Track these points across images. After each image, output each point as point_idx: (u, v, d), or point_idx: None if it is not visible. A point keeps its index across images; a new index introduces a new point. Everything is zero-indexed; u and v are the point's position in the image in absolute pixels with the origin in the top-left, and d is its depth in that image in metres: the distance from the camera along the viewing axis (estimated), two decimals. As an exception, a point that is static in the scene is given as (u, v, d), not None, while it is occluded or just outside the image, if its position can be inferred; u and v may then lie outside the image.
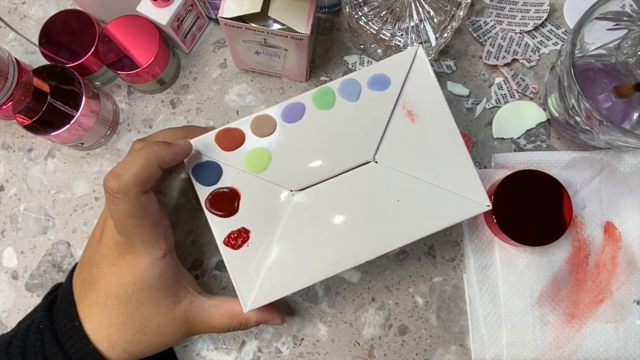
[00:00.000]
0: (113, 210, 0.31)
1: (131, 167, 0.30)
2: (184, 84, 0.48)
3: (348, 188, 0.35)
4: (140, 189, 0.31)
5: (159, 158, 0.31)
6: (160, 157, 0.32)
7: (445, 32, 0.40)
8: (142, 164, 0.31)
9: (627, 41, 0.42)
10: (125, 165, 0.31)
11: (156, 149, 0.32)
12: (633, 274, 0.42)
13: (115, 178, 0.30)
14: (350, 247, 0.34)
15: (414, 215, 0.34)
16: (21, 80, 0.42)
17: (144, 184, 0.31)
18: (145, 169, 0.31)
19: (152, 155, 0.31)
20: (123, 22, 0.44)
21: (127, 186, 0.30)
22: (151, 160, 0.31)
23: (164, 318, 0.34)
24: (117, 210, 0.31)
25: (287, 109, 0.35)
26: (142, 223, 0.32)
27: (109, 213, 0.32)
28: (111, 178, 0.30)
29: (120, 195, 0.30)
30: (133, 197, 0.30)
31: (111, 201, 0.31)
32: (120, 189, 0.30)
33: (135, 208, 0.31)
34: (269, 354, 0.43)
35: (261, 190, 0.35)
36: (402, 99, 0.35)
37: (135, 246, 0.32)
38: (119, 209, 0.31)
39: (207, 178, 0.35)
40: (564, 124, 0.42)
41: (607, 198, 0.43)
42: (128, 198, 0.30)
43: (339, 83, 0.36)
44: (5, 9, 0.51)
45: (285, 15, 0.37)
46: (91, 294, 0.33)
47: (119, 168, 0.31)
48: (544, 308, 0.42)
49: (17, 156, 0.47)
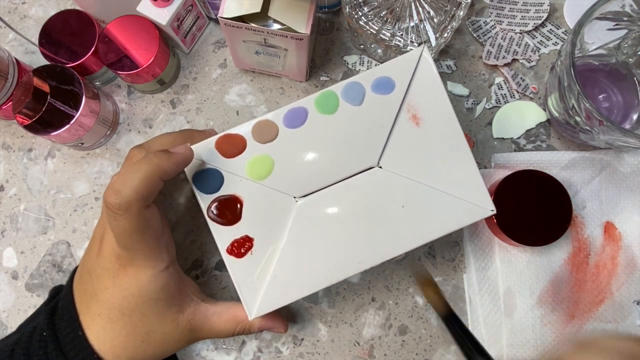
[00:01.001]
0: (114, 226, 0.30)
1: (132, 182, 0.29)
2: (184, 84, 0.48)
3: (352, 194, 0.34)
4: (142, 204, 0.29)
5: (160, 170, 0.30)
6: (161, 169, 0.30)
7: (445, 32, 0.40)
8: (143, 179, 0.29)
9: (627, 41, 0.42)
10: (126, 180, 0.29)
11: (157, 161, 0.30)
12: (633, 274, 0.42)
13: (115, 194, 0.29)
14: (354, 253, 0.33)
15: (419, 220, 0.33)
16: (21, 80, 0.42)
17: (146, 198, 0.30)
18: (147, 183, 0.29)
19: (153, 168, 0.30)
20: (123, 22, 0.44)
21: (129, 202, 0.29)
22: (152, 173, 0.29)
23: (168, 328, 0.33)
24: (118, 225, 0.29)
25: (289, 113, 0.34)
26: (144, 238, 0.31)
27: (110, 228, 0.31)
28: (112, 194, 0.29)
29: (121, 212, 0.29)
30: (135, 212, 0.29)
31: (112, 217, 0.29)
32: (121, 206, 0.29)
33: (137, 223, 0.30)
34: (269, 354, 0.43)
35: (264, 198, 0.34)
36: (407, 102, 0.34)
37: (137, 259, 0.31)
38: (120, 224, 0.29)
39: (209, 186, 0.34)
40: (564, 124, 0.42)
41: (607, 198, 0.43)
42: (130, 214, 0.29)
43: (343, 86, 0.35)
44: (5, 9, 0.51)
45: (285, 15, 0.37)
46: (93, 306, 0.33)
47: (119, 183, 0.29)
48: (544, 308, 0.42)
49: (17, 156, 0.47)
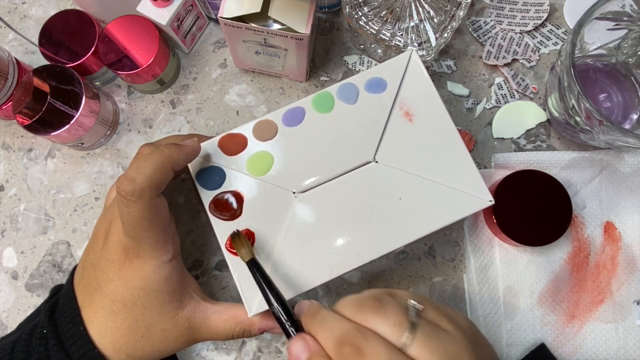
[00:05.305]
0: (125, 214, 0.31)
1: (145, 170, 0.30)
2: (184, 84, 0.48)
3: (350, 188, 0.35)
4: (154, 192, 0.31)
5: (171, 160, 0.32)
6: (172, 160, 0.32)
7: (445, 32, 0.40)
8: (155, 167, 0.31)
9: (627, 41, 0.42)
10: (139, 169, 0.30)
11: (168, 152, 0.32)
12: (633, 274, 0.42)
13: (129, 182, 0.30)
14: (354, 247, 0.34)
15: (417, 213, 0.34)
16: (21, 80, 0.42)
17: (158, 187, 0.31)
18: (159, 172, 0.31)
19: (165, 158, 0.31)
20: (123, 22, 0.44)
21: (141, 189, 0.30)
22: (164, 162, 0.31)
23: (167, 324, 0.33)
24: (129, 213, 0.30)
25: (288, 113, 0.36)
26: (153, 226, 0.31)
27: (120, 216, 0.32)
28: (125, 182, 0.30)
29: (134, 199, 0.30)
30: (147, 200, 0.30)
31: (124, 204, 0.30)
32: (134, 192, 0.30)
33: (148, 211, 0.31)
34: (269, 354, 0.43)
35: (264, 193, 0.35)
36: (399, 100, 0.36)
37: (143, 250, 0.32)
38: (132, 212, 0.30)
39: (211, 182, 0.35)
40: (564, 124, 0.42)
41: (607, 198, 0.43)
42: (142, 201, 0.30)
43: (337, 87, 0.36)
44: (5, 9, 0.51)
45: (285, 15, 0.37)
46: (97, 299, 0.33)
47: (133, 171, 0.30)
48: (544, 308, 0.42)
49: (17, 156, 0.47)
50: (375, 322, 0.25)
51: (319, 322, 0.27)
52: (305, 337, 0.27)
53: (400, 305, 0.26)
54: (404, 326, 0.25)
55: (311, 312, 0.28)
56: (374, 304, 0.26)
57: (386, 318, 0.25)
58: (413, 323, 0.25)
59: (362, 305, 0.26)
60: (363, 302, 0.26)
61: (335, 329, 0.26)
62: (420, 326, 0.25)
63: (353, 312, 0.26)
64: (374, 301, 0.26)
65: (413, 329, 0.25)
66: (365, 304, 0.26)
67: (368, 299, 0.27)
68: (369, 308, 0.26)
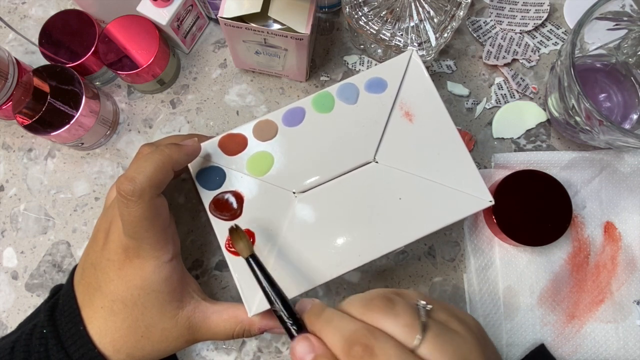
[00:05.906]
0: (126, 214, 0.31)
1: (145, 170, 0.30)
2: (184, 84, 0.48)
3: (350, 188, 0.35)
4: (154, 192, 0.31)
5: (171, 160, 0.32)
6: (173, 159, 0.32)
7: (445, 32, 0.40)
8: (156, 167, 0.31)
9: (627, 41, 0.42)
10: (139, 169, 0.30)
11: (168, 152, 0.32)
12: (633, 274, 0.42)
13: (130, 181, 0.30)
14: (354, 247, 0.34)
15: (417, 213, 0.34)
16: (21, 80, 0.42)
17: (159, 186, 0.31)
18: (160, 172, 0.31)
19: (165, 157, 0.31)
20: (123, 22, 0.44)
21: (142, 189, 0.30)
22: (165, 162, 0.31)
23: (167, 323, 0.33)
24: (130, 213, 0.30)
25: (288, 113, 0.36)
26: (153, 225, 0.31)
27: (120, 216, 0.31)
28: (125, 181, 0.30)
29: (135, 199, 0.30)
30: (147, 200, 0.30)
31: (124, 204, 0.30)
32: (135, 192, 0.30)
33: (148, 211, 0.31)
34: (269, 354, 0.43)
35: (264, 193, 0.35)
36: (400, 100, 0.36)
37: (144, 249, 0.32)
38: (132, 212, 0.30)
39: (211, 182, 0.35)
40: (564, 124, 0.42)
41: (607, 198, 0.43)
42: (143, 201, 0.30)
43: (337, 87, 0.36)
44: (5, 9, 0.51)
45: (285, 15, 0.37)
46: (97, 299, 0.33)
47: (133, 171, 0.30)
48: (544, 308, 0.42)
49: (17, 156, 0.47)
50: (386, 322, 0.25)
51: (325, 321, 0.26)
52: (309, 337, 0.26)
53: (411, 306, 0.26)
54: (415, 327, 0.24)
55: (315, 310, 0.27)
56: (384, 304, 0.26)
57: (397, 319, 0.25)
58: (424, 324, 0.25)
59: (371, 304, 0.26)
60: (372, 302, 0.26)
61: (343, 328, 0.25)
62: (430, 327, 0.25)
63: (361, 312, 0.26)
64: (384, 301, 0.26)
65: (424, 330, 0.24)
66: (374, 304, 0.26)
67: (377, 298, 0.26)
68: (379, 308, 0.25)
